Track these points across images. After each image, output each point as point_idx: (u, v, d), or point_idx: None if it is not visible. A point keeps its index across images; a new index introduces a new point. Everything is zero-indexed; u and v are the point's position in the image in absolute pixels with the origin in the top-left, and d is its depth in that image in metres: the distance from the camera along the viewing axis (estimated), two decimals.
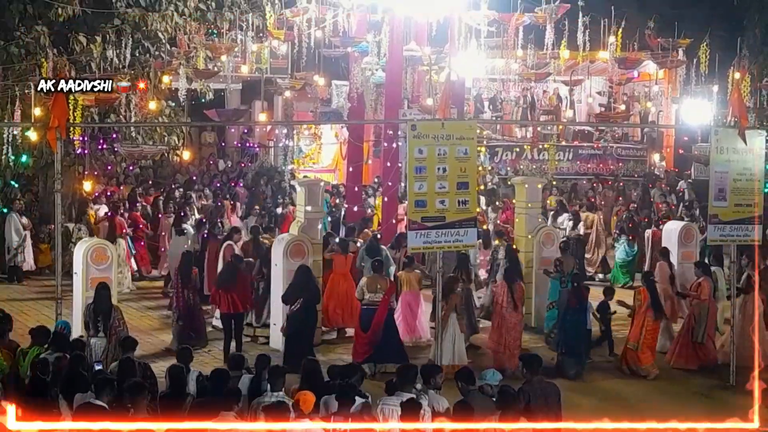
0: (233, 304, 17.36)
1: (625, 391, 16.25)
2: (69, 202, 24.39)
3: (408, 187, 15.18)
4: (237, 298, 17.38)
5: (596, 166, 32.37)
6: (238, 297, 17.39)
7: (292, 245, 18.11)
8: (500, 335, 16.94)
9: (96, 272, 16.85)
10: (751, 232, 16.52)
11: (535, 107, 34.27)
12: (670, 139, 34.67)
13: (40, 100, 21.01)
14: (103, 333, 14.64)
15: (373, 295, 16.68)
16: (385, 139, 23.31)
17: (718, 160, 16.47)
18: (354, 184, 24.71)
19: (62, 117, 14.73)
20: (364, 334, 16.57)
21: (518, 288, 17.11)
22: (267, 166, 34.13)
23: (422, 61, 26.85)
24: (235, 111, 30.95)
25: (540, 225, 20.10)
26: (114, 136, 27.14)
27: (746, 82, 29.58)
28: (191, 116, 30.84)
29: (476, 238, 15.83)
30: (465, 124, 16.23)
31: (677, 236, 21.13)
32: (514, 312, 16.91)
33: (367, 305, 16.72)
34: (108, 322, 14.67)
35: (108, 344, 14.51)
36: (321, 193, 19.44)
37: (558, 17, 26.72)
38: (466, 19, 24.68)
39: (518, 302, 16.95)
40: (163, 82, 26.55)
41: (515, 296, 16.90)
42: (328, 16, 24.35)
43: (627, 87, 35.26)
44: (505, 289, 17.01)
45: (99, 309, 14.85)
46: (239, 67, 30.85)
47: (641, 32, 30.21)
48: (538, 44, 28.45)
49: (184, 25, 25.76)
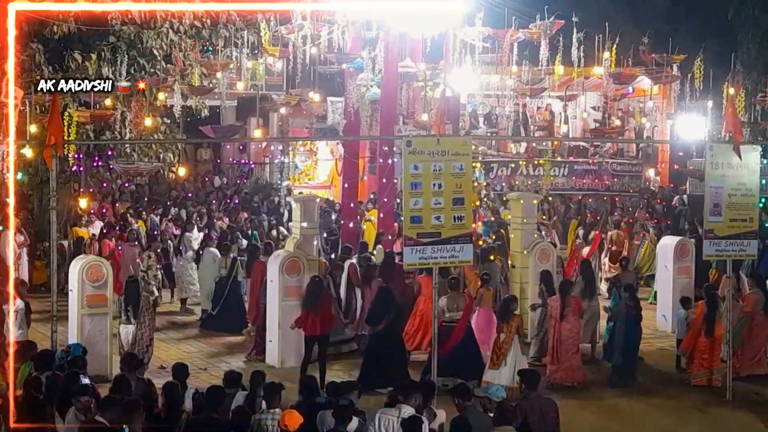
0: (319, 326, 16.77)
1: (622, 405, 16.21)
2: (64, 219, 24.35)
3: (404, 203, 15.17)
4: (321, 320, 16.79)
5: (591, 181, 32.39)
6: (322, 319, 16.81)
7: (287, 261, 18.10)
8: (556, 349, 17.01)
9: (91, 290, 16.81)
10: (746, 247, 16.55)
11: (528, 123, 34.31)
12: (665, 154, 34.72)
13: (36, 117, 21.03)
14: (134, 320, 16.53)
15: (453, 314, 16.64)
16: (380, 155, 23.31)
17: (713, 176, 16.47)
18: (350, 200, 24.72)
19: (59, 134, 14.72)
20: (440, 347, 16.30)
21: (573, 301, 17.20)
22: (262, 182, 34.14)
23: (417, 77, 26.92)
24: (230, 127, 30.89)
25: (536, 241, 20.09)
26: (109, 153, 27.17)
27: (741, 97, 29.74)
28: (186, 133, 30.84)
29: (472, 254, 15.77)
30: (460, 140, 16.22)
31: (673, 251, 21.15)
32: (568, 324, 16.99)
33: (447, 323, 16.55)
34: (137, 311, 16.56)
35: (137, 330, 16.48)
36: (316, 210, 19.43)
37: (552, 33, 26.82)
38: (461, 35, 24.75)
39: (573, 314, 17.03)
40: (159, 99, 26.58)
41: (570, 309, 16.99)
42: (323, 33, 24.39)
43: (622, 102, 35.38)
44: (558, 302, 17.10)
45: (128, 300, 16.76)
46: (234, 83, 30.93)
47: (635, 48, 30.33)
48: (532, 60, 28.53)
49: (180, 42, 25.84)
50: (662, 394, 16.82)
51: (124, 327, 16.65)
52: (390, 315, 16.59)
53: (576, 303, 17.28)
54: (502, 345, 16.12)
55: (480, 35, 25.08)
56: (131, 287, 17.01)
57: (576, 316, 17.16)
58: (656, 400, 16.56)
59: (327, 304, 17.12)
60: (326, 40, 24.47)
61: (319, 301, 16.83)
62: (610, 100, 34.87)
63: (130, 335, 16.52)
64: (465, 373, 16.12)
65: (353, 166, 25.14)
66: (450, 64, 24.62)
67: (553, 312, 17.17)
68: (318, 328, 16.70)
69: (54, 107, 15.12)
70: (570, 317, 17.02)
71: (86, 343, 15.71)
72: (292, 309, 17.95)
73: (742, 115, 29.39)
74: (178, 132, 29.18)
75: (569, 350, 16.97)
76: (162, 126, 27.69)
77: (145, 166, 27.29)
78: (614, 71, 29.51)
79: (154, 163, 27.56)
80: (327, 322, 16.90)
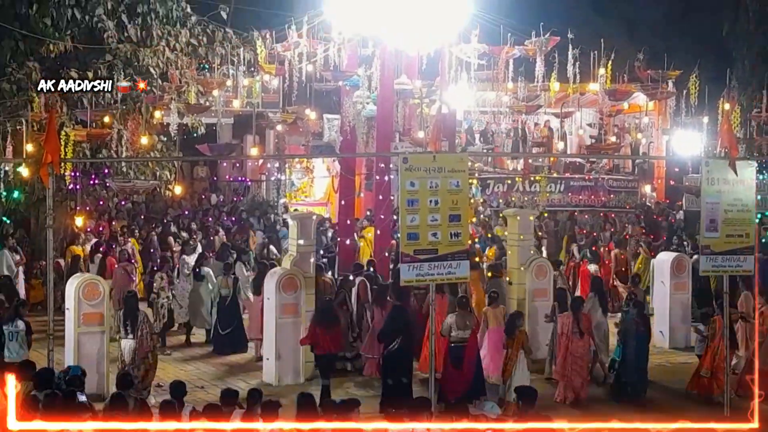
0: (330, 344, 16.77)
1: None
2: (61, 237, 24.32)
3: (400, 220, 15.18)
4: (332, 339, 16.76)
5: (588, 197, 32.40)
6: (335, 337, 16.79)
7: (284, 279, 18.10)
8: (567, 365, 17.04)
9: (88, 308, 16.80)
10: (743, 263, 16.54)
11: (527, 140, 34.36)
12: (661, 170, 34.78)
13: (32, 136, 21.02)
14: (132, 335, 16.57)
15: (462, 332, 16.46)
16: (377, 172, 23.31)
17: (709, 191, 16.48)
18: (346, 217, 24.71)
19: (55, 153, 14.74)
20: (457, 371, 16.36)
21: (584, 317, 17.26)
22: (259, 200, 34.15)
23: (413, 94, 26.92)
24: (226, 145, 30.96)
25: (533, 257, 20.09)
26: (106, 172, 27.19)
27: (736, 113, 29.80)
28: (183, 151, 30.87)
29: (468, 271, 15.77)
30: (456, 157, 16.25)
31: (669, 267, 21.16)
32: (580, 341, 17.05)
33: (455, 342, 16.44)
34: (135, 325, 16.60)
35: (137, 345, 16.53)
36: (313, 227, 19.42)
37: (548, 50, 26.86)
38: (457, 52, 24.78)
39: (584, 331, 17.09)
40: (155, 117, 26.60)
41: (581, 325, 17.06)
42: (319, 51, 24.42)
43: (618, 119, 35.42)
44: (570, 319, 17.16)
45: (127, 315, 16.74)
46: (231, 101, 30.95)
47: (631, 64, 30.40)
48: (528, 77, 28.57)
49: (176, 60, 25.88)
50: (658, 410, 16.80)
51: (125, 342, 16.72)
52: (404, 333, 16.47)
53: (587, 320, 17.33)
54: (508, 361, 16.15)
55: (476, 52, 25.10)
56: (129, 302, 17.05)
57: (587, 334, 17.21)
58: (653, 414, 16.53)
59: (338, 323, 17.06)
60: (322, 57, 24.49)
61: (331, 320, 16.80)
62: (605, 116, 34.91)
63: (128, 349, 16.58)
64: (469, 392, 16.13)
65: (350, 183, 25.12)
66: (446, 81, 24.66)
67: (564, 329, 17.20)
68: (329, 346, 16.66)
69: (50, 125, 15.15)
70: (581, 334, 17.09)
71: (82, 362, 15.73)
72: (289, 326, 17.97)
73: (738, 130, 29.46)
74: (174, 150, 29.21)
75: (579, 367, 17.04)
76: (158, 144, 27.71)
77: (141, 184, 27.33)
78: (610, 87, 29.57)
79: (151, 181, 27.61)
80: (338, 341, 16.87)
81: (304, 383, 17.71)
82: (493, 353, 17.69)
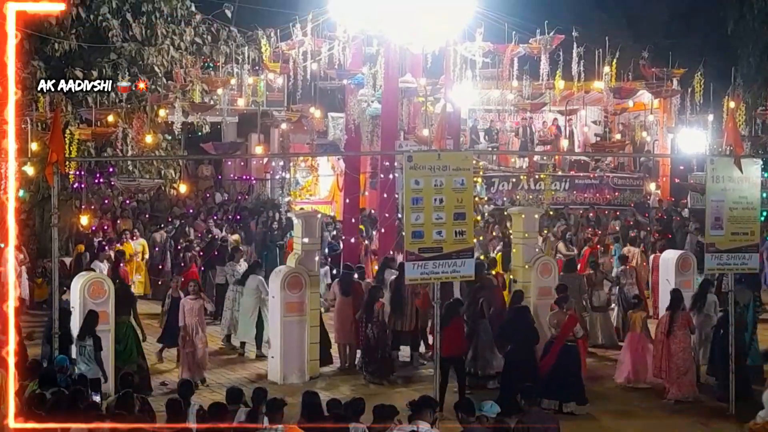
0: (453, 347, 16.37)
1: (622, 422, 16.17)
2: (66, 236, 24.34)
3: (405, 219, 15.17)
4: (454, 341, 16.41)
5: (593, 195, 32.36)
6: (454, 340, 16.45)
7: (289, 278, 18.09)
8: (663, 362, 17.07)
9: (93, 306, 16.77)
10: (748, 261, 16.53)
11: (534, 138, 34.31)
12: (666, 168, 34.70)
13: (37, 135, 21.03)
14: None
15: (552, 330, 16.75)
16: (381, 170, 23.31)
17: (714, 189, 16.46)
18: (351, 216, 24.71)
19: (60, 151, 14.76)
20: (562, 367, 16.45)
21: (682, 315, 17.23)
22: (263, 198, 34.13)
23: (418, 92, 26.93)
24: (231, 144, 30.97)
25: (537, 255, 20.06)
26: (111, 170, 27.17)
27: (741, 110, 29.73)
28: (187, 149, 30.86)
29: (473, 269, 15.74)
30: (461, 155, 16.25)
31: (674, 265, 21.10)
32: (676, 339, 17.01)
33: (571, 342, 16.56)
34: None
35: None
36: (318, 225, 19.40)
37: (552, 48, 26.84)
38: (461, 51, 24.76)
39: (681, 329, 17.04)
40: (160, 116, 26.60)
41: (678, 323, 17.02)
42: (323, 49, 24.42)
43: (623, 117, 35.36)
44: (667, 317, 17.18)
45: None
46: (235, 100, 30.96)
47: (636, 62, 30.36)
48: (533, 75, 28.54)
49: (180, 59, 25.89)
50: (665, 408, 16.79)
51: None
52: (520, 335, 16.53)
53: (685, 318, 17.26)
54: None
55: (480, 50, 25.09)
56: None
57: (684, 331, 17.13)
58: (658, 412, 16.54)
59: (460, 326, 16.86)
60: (327, 56, 24.49)
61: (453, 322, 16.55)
62: (610, 114, 34.86)
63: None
64: (562, 394, 16.25)
65: (354, 181, 25.14)
66: (450, 79, 24.64)
67: (661, 327, 17.22)
68: (452, 349, 16.37)
69: (55, 124, 15.18)
70: (678, 332, 17.05)
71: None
72: (294, 325, 17.97)
73: (743, 128, 29.39)
74: (179, 149, 29.21)
75: (681, 365, 17.00)
76: (163, 143, 27.72)
77: (146, 183, 27.30)
78: (614, 85, 29.55)
79: (156, 180, 27.57)
80: (460, 343, 16.68)
81: (308, 381, 17.71)
82: (636, 358, 17.94)
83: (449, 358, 16.21)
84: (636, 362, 17.94)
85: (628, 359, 18.02)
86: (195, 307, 17.88)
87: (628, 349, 18.12)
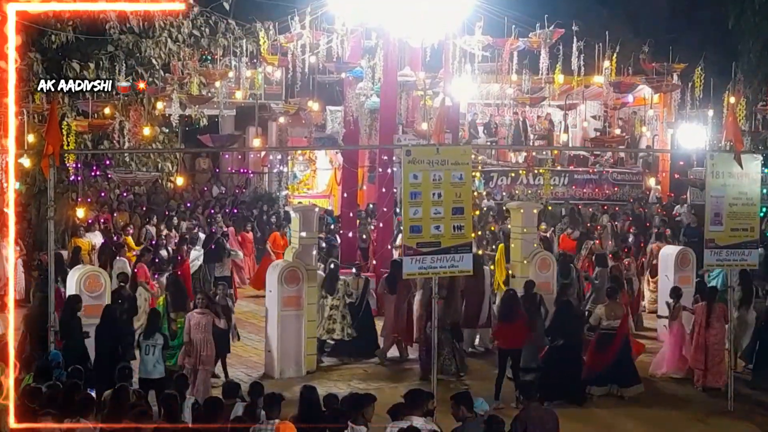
0: (511, 339, 16.57)
1: (621, 418, 16.10)
2: (62, 229, 24.23)
3: (403, 213, 15.10)
4: (514, 334, 16.54)
5: (592, 190, 32.30)
6: (515, 332, 16.55)
7: (287, 271, 18.02)
8: (701, 354, 17.37)
9: (90, 300, 16.70)
10: (747, 257, 16.51)
11: (528, 132, 34.18)
12: (666, 163, 34.61)
13: (33, 127, 20.93)
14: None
15: (612, 322, 16.89)
16: (379, 164, 23.24)
17: (713, 185, 16.43)
18: (349, 209, 24.64)
19: (56, 144, 14.66)
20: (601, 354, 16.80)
21: (718, 307, 17.44)
22: (261, 192, 34.07)
23: (417, 86, 26.86)
24: (229, 137, 30.86)
25: (536, 250, 19.99)
26: (107, 163, 27.12)
27: (741, 106, 29.65)
28: (185, 142, 30.78)
29: (471, 264, 15.65)
30: (460, 149, 16.16)
31: (673, 261, 21.06)
32: (713, 331, 17.30)
33: (605, 330, 16.87)
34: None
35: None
36: (316, 219, 19.32)
37: (552, 42, 26.74)
38: (461, 44, 24.68)
39: (717, 321, 17.31)
40: (157, 108, 26.51)
41: (715, 315, 17.29)
42: (322, 42, 24.33)
43: (622, 111, 35.28)
44: (704, 309, 17.44)
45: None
46: (233, 92, 30.83)
47: (636, 57, 30.28)
48: (532, 69, 28.45)
49: (178, 52, 25.80)
50: (664, 404, 16.73)
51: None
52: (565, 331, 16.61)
53: (721, 310, 17.42)
54: None
55: (480, 44, 25.00)
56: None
57: (721, 323, 17.37)
58: (657, 409, 16.48)
59: (522, 318, 16.83)
60: (325, 49, 24.40)
61: (514, 314, 16.66)
62: (610, 109, 34.77)
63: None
64: (620, 379, 16.86)
65: (352, 175, 25.08)
66: (449, 73, 24.56)
67: (698, 318, 17.49)
68: (511, 341, 16.53)
69: (52, 116, 15.07)
70: (715, 324, 17.33)
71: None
72: (291, 319, 17.90)
73: (743, 124, 29.30)
74: (176, 141, 29.12)
75: (716, 356, 17.33)
76: (160, 135, 27.64)
77: (143, 176, 27.22)
78: (614, 80, 29.44)
79: (153, 173, 27.49)
80: (520, 336, 16.64)
81: (305, 376, 17.65)
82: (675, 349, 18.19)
83: (510, 351, 16.57)
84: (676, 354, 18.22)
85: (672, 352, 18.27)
86: (202, 323, 16.16)
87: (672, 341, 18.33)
